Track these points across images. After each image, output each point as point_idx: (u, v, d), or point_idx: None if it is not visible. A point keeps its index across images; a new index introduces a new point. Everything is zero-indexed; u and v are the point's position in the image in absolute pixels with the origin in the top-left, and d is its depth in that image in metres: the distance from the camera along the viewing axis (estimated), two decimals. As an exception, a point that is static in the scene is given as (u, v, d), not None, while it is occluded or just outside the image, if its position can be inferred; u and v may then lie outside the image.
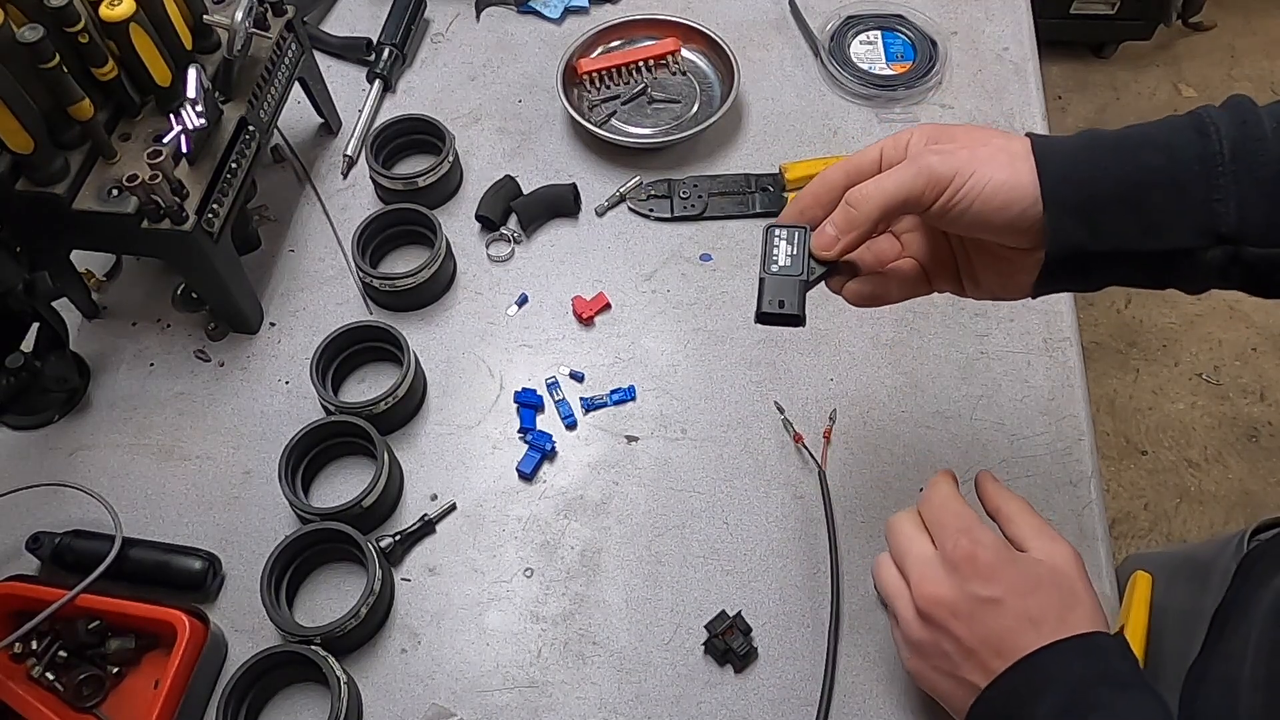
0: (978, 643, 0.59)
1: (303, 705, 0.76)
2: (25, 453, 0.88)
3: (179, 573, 0.79)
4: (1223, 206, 0.54)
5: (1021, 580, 0.60)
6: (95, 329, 0.95)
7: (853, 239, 0.60)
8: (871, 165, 0.62)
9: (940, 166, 0.57)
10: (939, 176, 0.57)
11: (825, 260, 0.61)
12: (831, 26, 1.11)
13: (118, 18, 0.76)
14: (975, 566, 0.60)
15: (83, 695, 0.75)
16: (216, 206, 0.83)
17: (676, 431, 0.87)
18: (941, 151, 0.58)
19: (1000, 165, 0.57)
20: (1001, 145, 0.58)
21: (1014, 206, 0.56)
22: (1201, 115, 0.56)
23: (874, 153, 0.62)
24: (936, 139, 0.60)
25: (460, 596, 0.80)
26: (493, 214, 0.98)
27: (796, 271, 0.61)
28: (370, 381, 0.91)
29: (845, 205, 0.60)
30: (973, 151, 0.58)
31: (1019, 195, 0.56)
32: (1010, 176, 0.56)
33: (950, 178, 0.57)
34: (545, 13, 1.15)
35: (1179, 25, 2.61)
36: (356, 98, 1.09)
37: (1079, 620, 0.59)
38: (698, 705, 0.75)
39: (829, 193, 0.62)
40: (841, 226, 0.60)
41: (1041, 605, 0.59)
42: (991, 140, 0.59)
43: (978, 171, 0.57)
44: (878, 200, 0.58)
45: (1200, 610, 0.71)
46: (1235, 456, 2.05)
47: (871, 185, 0.59)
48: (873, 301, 0.64)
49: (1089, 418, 0.87)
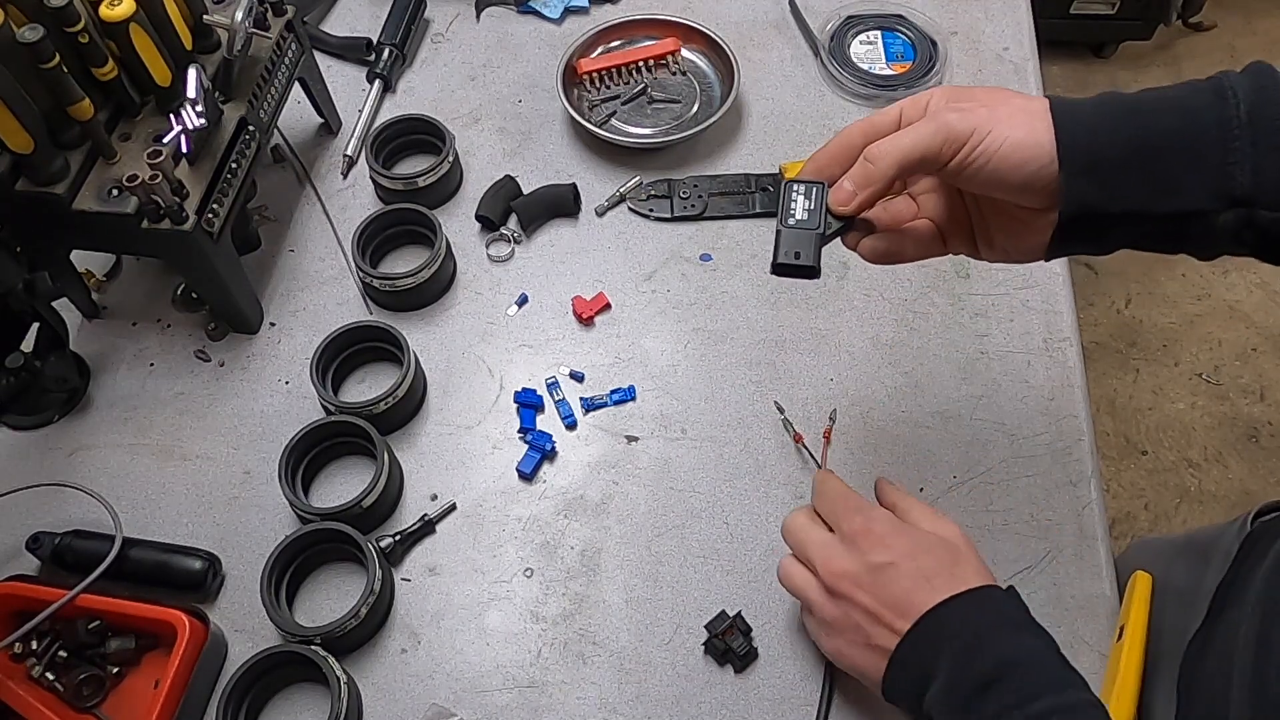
0: (881, 606, 0.64)
1: (303, 705, 0.76)
2: (25, 453, 0.88)
3: (179, 573, 0.79)
4: (1237, 169, 0.54)
5: (912, 544, 0.66)
6: (95, 329, 0.95)
7: (870, 195, 0.61)
8: (890, 124, 0.62)
9: (958, 123, 0.58)
10: (957, 133, 0.58)
11: (842, 215, 0.62)
12: (831, 26, 1.11)
13: (118, 18, 0.76)
14: (870, 538, 0.66)
15: (83, 695, 0.75)
16: (216, 206, 0.83)
17: (676, 431, 0.87)
18: (960, 109, 0.59)
19: (1018, 124, 0.57)
20: (1020, 105, 0.58)
21: (1030, 165, 0.57)
22: (1221, 79, 0.56)
23: (893, 112, 0.62)
24: (956, 98, 0.61)
25: (460, 596, 0.80)
26: (493, 214, 0.98)
27: (813, 225, 0.62)
28: (370, 381, 0.91)
29: (863, 161, 0.60)
30: (991, 110, 0.58)
31: (1035, 154, 0.57)
32: (1027, 135, 0.57)
33: (968, 135, 0.57)
34: (545, 13, 1.15)
35: (1179, 25, 2.61)
36: (356, 98, 1.09)
37: (968, 575, 0.64)
38: (698, 705, 0.75)
39: (847, 150, 0.62)
40: (859, 182, 0.60)
41: (933, 564, 0.64)
42: (1011, 100, 0.59)
43: (995, 129, 0.57)
44: (895, 156, 0.59)
45: (1201, 589, 0.72)
46: (1235, 456, 2.05)
47: (889, 141, 0.59)
48: (888, 258, 0.65)
49: (1089, 418, 0.87)
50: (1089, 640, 0.76)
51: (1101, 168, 0.56)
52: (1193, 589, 0.73)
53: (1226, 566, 0.71)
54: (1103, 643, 0.76)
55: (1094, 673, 0.74)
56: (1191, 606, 0.71)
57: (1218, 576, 0.71)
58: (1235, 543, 0.72)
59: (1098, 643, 0.76)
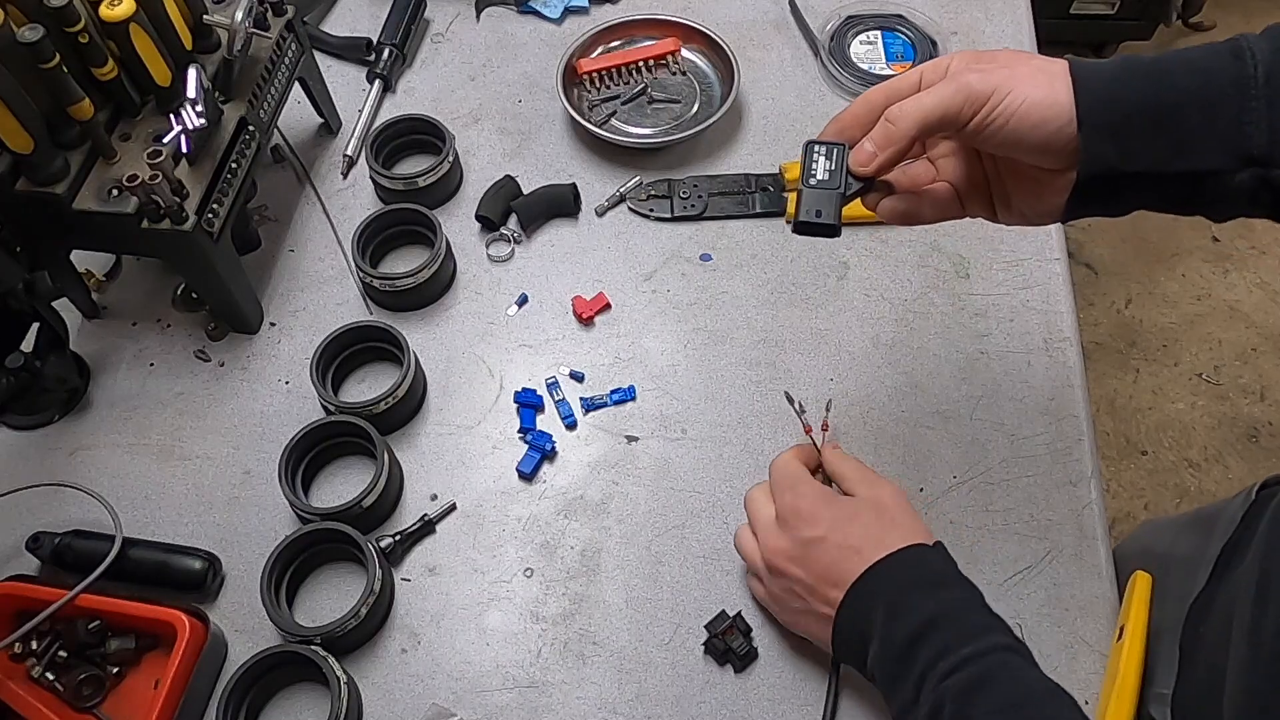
0: (815, 579, 0.68)
1: (303, 705, 0.76)
2: (25, 453, 0.88)
3: (179, 573, 0.79)
4: (1254, 129, 0.55)
5: (839, 516, 0.69)
6: (95, 329, 0.95)
7: (890, 155, 0.61)
8: (911, 87, 0.62)
9: (978, 84, 0.58)
10: (977, 93, 0.58)
11: (862, 176, 0.63)
12: (831, 26, 1.11)
13: (118, 18, 0.76)
14: (799, 515, 0.70)
15: (83, 695, 0.75)
16: (216, 206, 0.83)
17: (676, 431, 0.87)
18: (980, 69, 0.59)
19: (1038, 84, 0.58)
20: (1040, 65, 0.59)
21: (1049, 125, 0.57)
22: (1239, 41, 0.57)
23: (914, 76, 0.63)
24: (977, 60, 0.61)
25: (460, 596, 0.80)
26: (493, 214, 0.98)
27: (834, 185, 0.63)
28: (370, 381, 0.91)
29: (884, 122, 0.61)
30: (1011, 70, 0.58)
31: (1055, 114, 0.57)
32: (1047, 95, 0.57)
33: (988, 95, 0.58)
34: (545, 13, 1.15)
35: (1179, 25, 2.61)
36: (356, 98, 1.09)
37: (896, 539, 0.67)
38: (698, 705, 0.75)
39: (869, 112, 0.63)
40: (880, 142, 0.61)
41: (860, 534, 0.68)
42: (1030, 60, 0.60)
43: (1015, 89, 0.57)
44: (915, 116, 0.59)
45: (1206, 555, 0.72)
46: (1235, 456, 2.05)
47: (910, 102, 0.60)
48: (906, 219, 0.67)
49: (1089, 418, 0.87)
50: (1089, 640, 0.76)
51: (1119, 127, 0.57)
52: (1197, 557, 0.73)
53: (1230, 532, 0.71)
54: (1103, 643, 0.76)
55: (1094, 673, 0.75)
56: (1195, 574, 0.72)
57: (1221, 543, 0.71)
58: (1239, 512, 0.72)
59: (1098, 643, 0.76)
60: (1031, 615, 0.77)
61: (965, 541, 0.81)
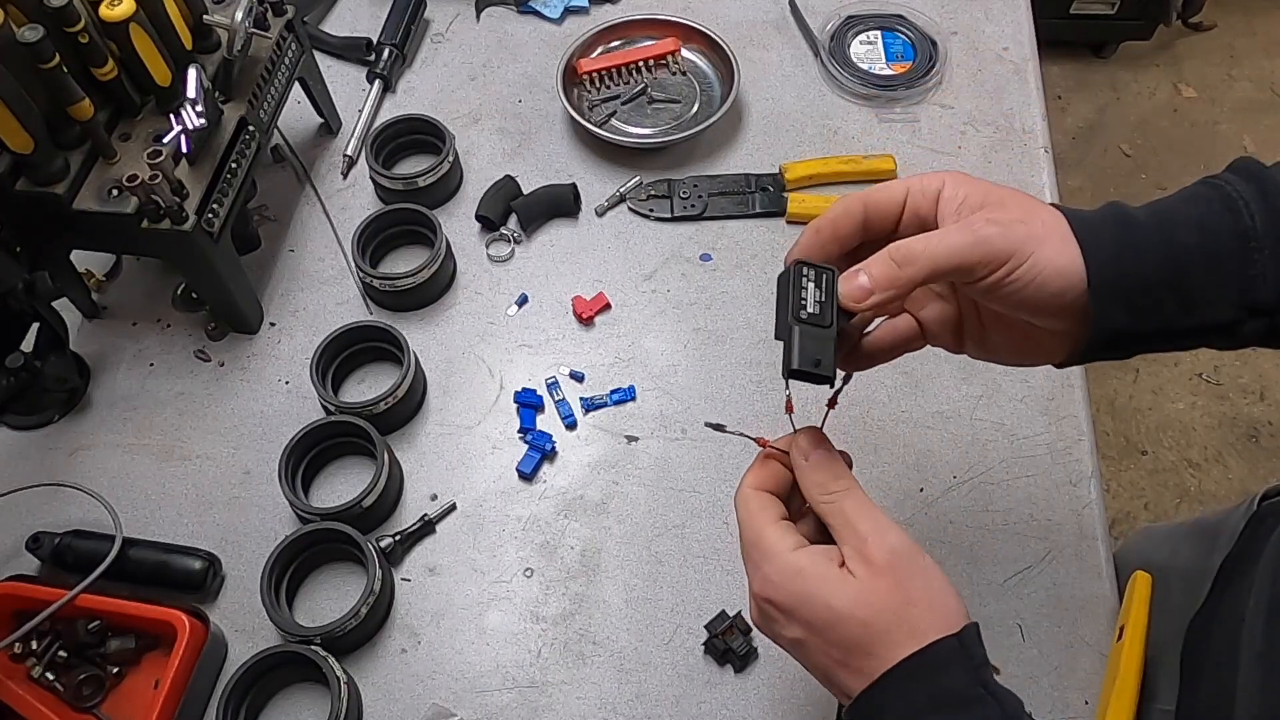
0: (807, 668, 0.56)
1: (303, 705, 0.76)
2: (25, 453, 0.88)
3: (179, 573, 0.79)
4: (1261, 281, 0.53)
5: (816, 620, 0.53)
6: (95, 329, 0.95)
7: (889, 298, 0.54)
8: (894, 205, 0.57)
9: (999, 241, 0.53)
10: (997, 252, 0.53)
11: (852, 311, 0.55)
12: (831, 26, 1.11)
13: (118, 18, 0.76)
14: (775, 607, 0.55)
15: (83, 695, 0.75)
16: (216, 206, 0.83)
17: (676, 431, 0.87)
18: (998, 223, 0.54)
19: (1057, 248, 0.53)
20: (1051, 222, 0.54)
21: (1068, 294, 0.53)
22: (1226, 191, 0.55)
23: (898, 192, 0.57)
24: (980, 200, 0.56)
25: (460, 596, 0.80)
26: (493, 214, 0.98)
27: (826, 322, 0.55)
28: (370, 381, 0.91)
29: (890, 261, 0.54)
30: (1029, 227, 0.54)
31: (1073, 282, 0.53)
32: (1068, 262, 0.53)
33: (1009, 255, 0.53)
34: (545, 13, 1.15)
35: (1179, 25, 2.61)
36: (356, 98, 1.09)
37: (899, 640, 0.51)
38: (698, 705, 0.75)
39: (850, 226, 0.57)
40: (882, 283, 0.54)
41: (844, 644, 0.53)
42: (1038, 213, 0.55)
43: (1038, 253, 0.53)
44: (927, 264, 0.53)
45: (1207, 568, 0.71)
46: (1235, 456, 2.05)
47: (921, 246, 0.54)
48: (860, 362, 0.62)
49: (1089, 418, 0.87)
50: (1089, 640, 0.76)
51: (1131, 293, 0.54)
52: (1198, 570, 0.73)
53: (1231, 545, 0.71)
54: (1103, 643, 0.76)
55: (1094, 673, 0.75)
56: (1196, 587, 0.71)
57: (1222, 556, 0.71)
58: (1241, 523, 0.72)
59: (1098, 643, 0.76)
60: (1031, 615, 0.77)
61: (965, 541, 0.81)
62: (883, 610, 0.51)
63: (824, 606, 0.52)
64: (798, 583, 0.54)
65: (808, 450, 0.57)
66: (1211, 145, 2.48)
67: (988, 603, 0.78)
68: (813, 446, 0.57)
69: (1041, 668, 0.75)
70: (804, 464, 0.57)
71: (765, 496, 0.58)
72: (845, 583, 0.52)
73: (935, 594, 0.52)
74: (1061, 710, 0.73)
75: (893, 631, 0.51)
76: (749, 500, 0.57)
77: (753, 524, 0.56)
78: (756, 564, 0.56)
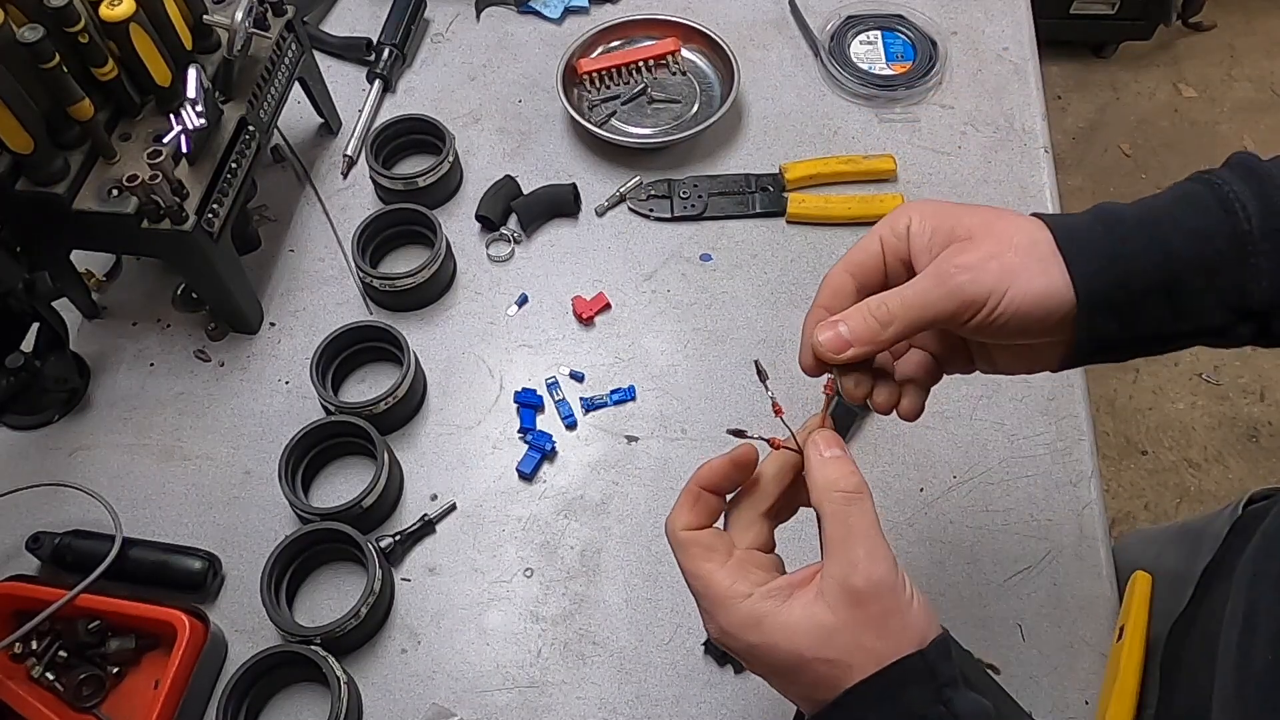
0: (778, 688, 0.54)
1: (303, 705, 0.76)
2: (25, 453, 0.88)
3: (179, 573, 0.79)
4: (1255, 285, 0.53)
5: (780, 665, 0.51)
6: (95, 329, 0.95)
7: (867, 352, 0.55)
8: (876, 260, 0.57)
9: (972, 288, 0.53)
10: (971, 299, 0.53)
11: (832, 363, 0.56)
12: (831, 26, 1.11)
13: (118, 18, 0.76)
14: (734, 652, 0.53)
15: (83, 695, 0.75)
16: (216, 206, 0.83)
17: (676, 431, 0.87)
18: (969, 269, 0.54)
19: (1034, 274, 0.53)
20: (1026, 246, 0.54)
21: (1053, 315, 0.54)
22: (1223, 190, 0.54)
23: (874, 246, 0.57)
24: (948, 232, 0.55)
25: (460, 596, 0.80)
26: (493, 214, 0.98)
27: None
28: (370, 381, 0.91)
29: (869, 316, 0.55)
30: (1001, 260, 0.53)
31: (1057, 302, 0.53)
32: (1046, 285, 0.53)
33: (985, 298, 0.53)
34: (545, 13, 1.15)
35: (1179, 25, 2.61)
36: (356, 98, 1.09)
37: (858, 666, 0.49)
38: (698, 705, 0.75)
39: (847, 301, 0.57)
40: (862, 338, 0.55)
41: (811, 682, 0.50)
42: (1011, 237, 0.54)
43: (1013, 286, 0.53)
44: (903, 325, 0.54)
45: (1190, 573, 0.72)
46: (1235, 456, 2.05)
47: (898, 305, 0.54)
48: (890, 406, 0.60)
49: (1089, 418, 0.87)
50: (1089, 640, 0.76)
51: (1122, 305, 0.54)
52: (1181, 575, 0.73)
53: (1215, 550, 0.71)
54: (1103, 643, 0.76)
55: (1094, 673, 0.75)
56: (1179, 592, 0.71)
57: (1205, 561, 0.71)
58: (1225, 528, 0.72)
59: (1098, 643, 0.76)
60: (1031, 615, 0.77)
61: (965, 541, 0.81)
62: (853, 649, 0.49)
63: (788, 653, 0.49)
64: (757, 634, 0.50)
65: (825, 446, 0.55)
66: (1211, 145, 2.48)
67: (988, 603, 0.78)
68: (829, 444, 0.55)
69: (1041, 668, 0.75)
70: (820, 458, 0.54)
71: (706, 536, 0.54)
72: (812, 623, 0.49)
73: (910, 628, 0.49)
74: (1061, 710, 0.73)
75: (865, 667, 0.49)
76: (688, 546, 0.54)
77: (698, 571, 0.53)
78: (709, 613, 0.53)
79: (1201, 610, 0.68)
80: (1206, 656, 0.59)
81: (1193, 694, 0.63)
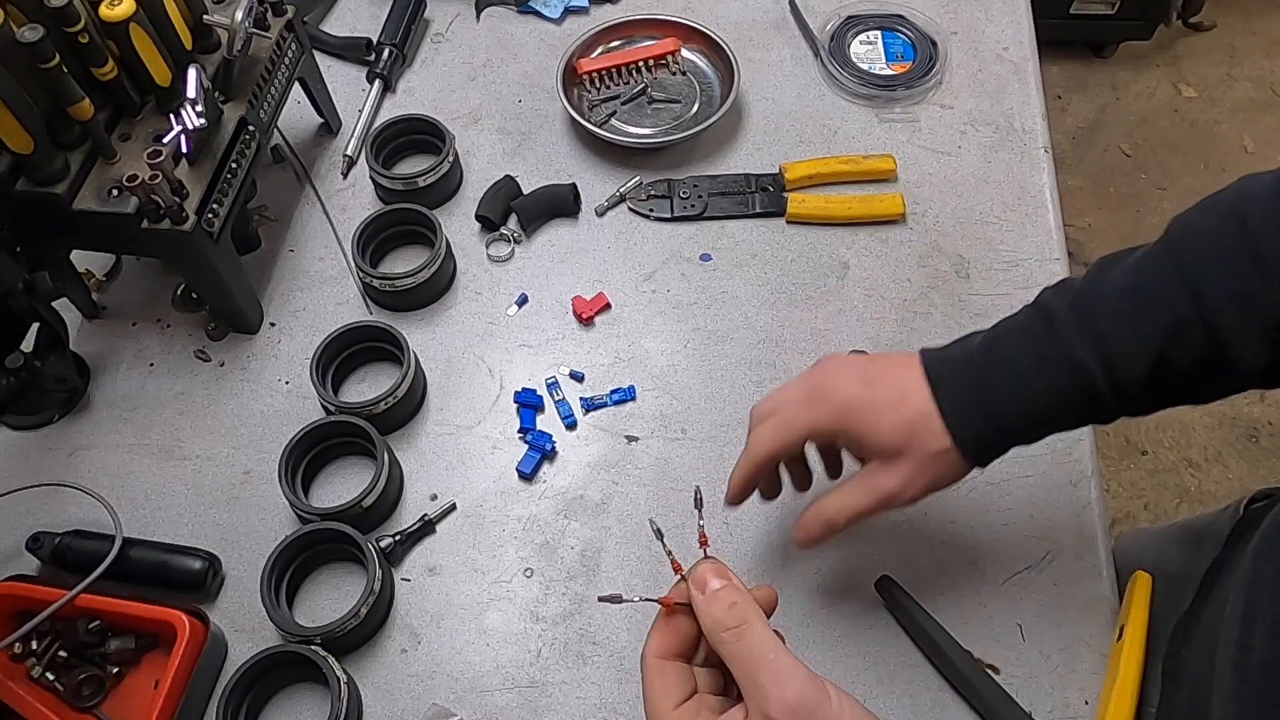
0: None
1: (303, 705, 0.76)
2: (25, 453, 0.88)
3: (179, 573, 0.79)
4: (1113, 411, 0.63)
5: None
6: (95, 329, 0.95)
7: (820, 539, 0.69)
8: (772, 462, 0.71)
9: (890, 486, 0.65)
10: (890, 494, 0.65)
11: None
12: (831, 26, 1.11)
13: (118, 18, 0.76)
14: None
15: (83, 695, 0.75)
16: (216, 206, 0.83)
17: (676, 431, 0.87)
18: (885, 472, 0.65)
19: (938, 463, 0.64)
20: (908, 418, 0.64)
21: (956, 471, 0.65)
22: (1077, 363, 0.61)
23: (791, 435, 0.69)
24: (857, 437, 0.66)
25: (460, 596, 0.80)
26: (493, 214, 0.98)
27: None
28: (370, 381, 0.91)
29: (829, 523, 0.67)
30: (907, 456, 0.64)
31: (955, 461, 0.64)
32: (950, 467, 0.64)
33: (902, 490, 0.65)
34: (545, 13, 1.15)
35: (1179, 25, 2.61)
36: (356, 98, 1.09)
37: None
38: (698, 705, 0.75)
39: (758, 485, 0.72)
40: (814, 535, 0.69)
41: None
42: (896, 409, 0.64)
43: (919, 477, 0.64)
44: (845, 517, 0.67)
45: (1192, 573, 0.72)
46: (1235, 456, 2.05)
47: (837, 509, 0.67)
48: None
49: (1089, 418, 0.86)
50: (1089, 640, 0.76)
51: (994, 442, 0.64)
52: (1183, 574, 0.73)
53: (1217, 550, 0.71)
54: (1103, 643, 0.76)
55: (1094, 673, 0.75)
56: (1182, 591, 0.72)
57: (1208, 561, 0.71)
58: (1227, 527, 0.72)
59: (1098, 643, 0.76)
60: (1031, 615, 0.77)
61: (965, 541, 0.81)
62: None
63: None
64: None
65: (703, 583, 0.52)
66: (1211, 145, 2.48)
67: (988, 603, 0.78)
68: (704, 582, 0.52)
69: (1041, 668, 0.75)
70: (699, 600, 0.52)
71: (670, 670, 0.54)
72: None
73: None
74: (1061, 710, 0.73)
75: None
76: (653, 675, 0.54)
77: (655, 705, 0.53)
78: None
79: (1204, 610, 0.68)
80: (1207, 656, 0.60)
81: (1193, 691, 0.63)
